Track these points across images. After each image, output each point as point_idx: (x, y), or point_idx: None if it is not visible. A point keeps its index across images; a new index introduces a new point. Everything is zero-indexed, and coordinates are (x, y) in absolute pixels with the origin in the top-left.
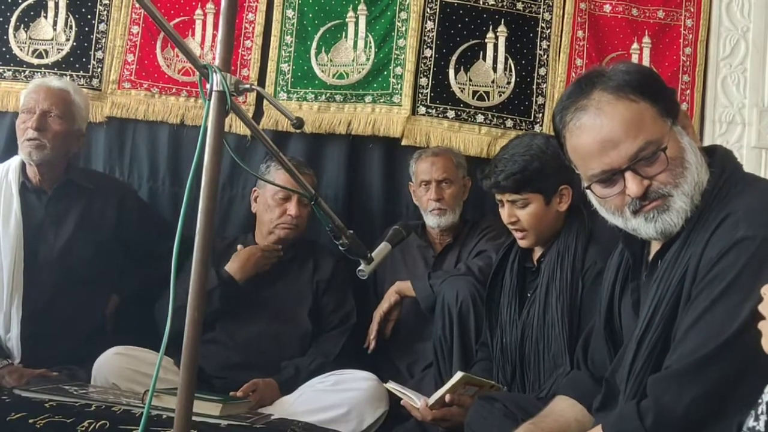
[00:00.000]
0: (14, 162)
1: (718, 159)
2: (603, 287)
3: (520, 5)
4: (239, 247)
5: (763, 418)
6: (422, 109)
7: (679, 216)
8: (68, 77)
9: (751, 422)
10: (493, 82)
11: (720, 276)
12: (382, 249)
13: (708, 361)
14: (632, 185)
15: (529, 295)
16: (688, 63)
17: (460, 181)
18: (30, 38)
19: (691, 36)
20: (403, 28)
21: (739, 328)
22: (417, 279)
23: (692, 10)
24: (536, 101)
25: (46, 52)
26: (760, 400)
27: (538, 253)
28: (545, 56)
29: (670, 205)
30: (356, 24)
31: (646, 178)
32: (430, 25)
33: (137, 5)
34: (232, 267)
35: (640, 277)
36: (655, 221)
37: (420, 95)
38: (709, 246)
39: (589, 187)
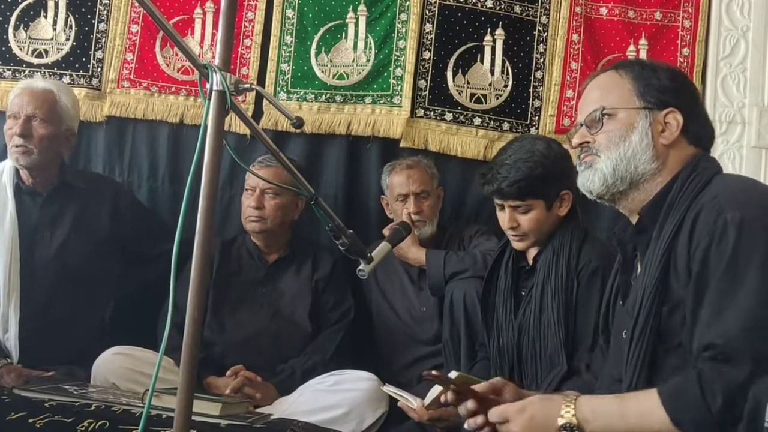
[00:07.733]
0: (8, 164)
1: (694, 161)
2: (604, 290)
3: (517, 8)
4: None
5: None
6: (420, 111)
7: (597, 176)
8: (68, 77)
9: None
10: (490, 84)
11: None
12: (382, 248)
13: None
14: (576, 135)
15: (524, 294)
16: (685, 64)
17: (435, 192)
18: (30, 38)
19: (689, 37)
20: (403, 30)
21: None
22: (433, 254)
23: (690, 11)
24: (533, 104)
25: (46, 51)
26: None
27: (533, 252)
28: (542, 59)
29: (593, 164)
30: (356, 25)
31: (592, 136)
32: (428, 27)
33: (136, 4)
34: None
35: (631, 274)
36: (581, 175)
37: (418, 97)
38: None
39: None
